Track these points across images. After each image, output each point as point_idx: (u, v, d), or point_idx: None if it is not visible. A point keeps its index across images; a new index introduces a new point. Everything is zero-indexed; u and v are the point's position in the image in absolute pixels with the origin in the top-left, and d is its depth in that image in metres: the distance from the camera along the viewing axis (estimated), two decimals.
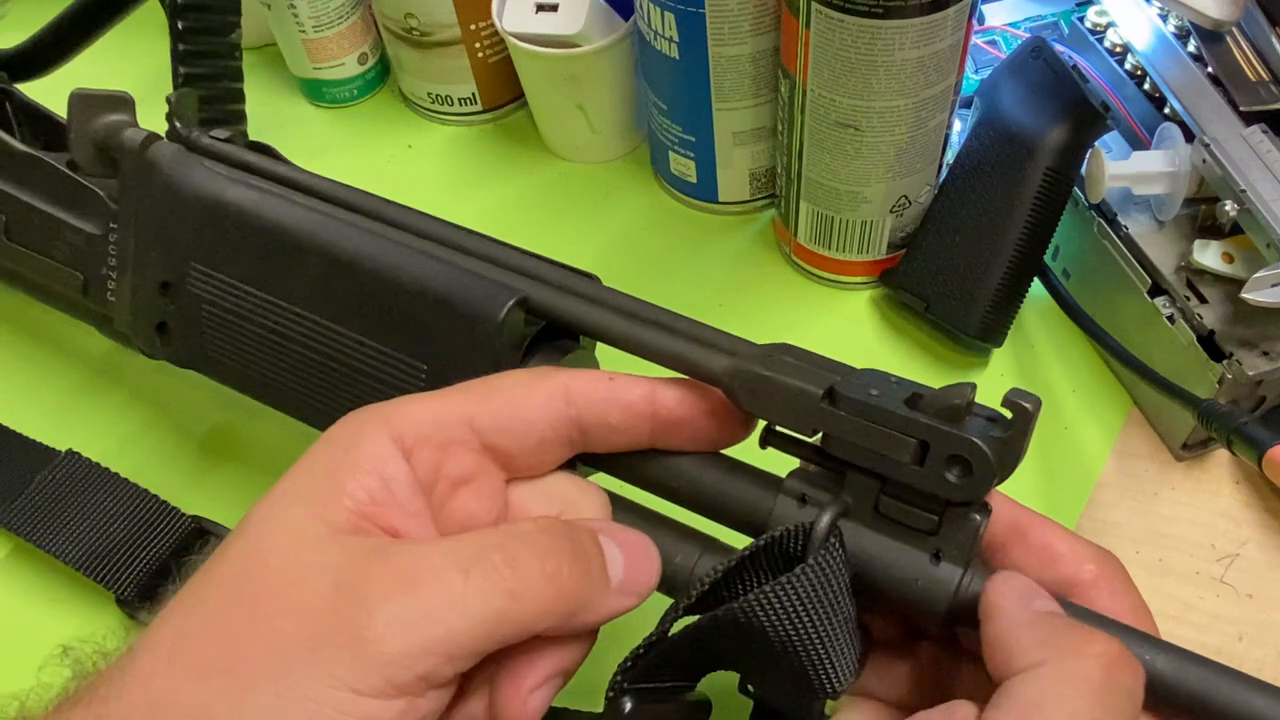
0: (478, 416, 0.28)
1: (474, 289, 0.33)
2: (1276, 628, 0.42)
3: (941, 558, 0.28)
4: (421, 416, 0.27)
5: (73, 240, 0.41)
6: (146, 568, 0.43)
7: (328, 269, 0.35)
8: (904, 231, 0.50)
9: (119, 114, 0.41)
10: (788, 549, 0.27)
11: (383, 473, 0.26)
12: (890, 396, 0.28)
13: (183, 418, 0.50)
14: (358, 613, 0.23)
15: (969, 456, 0.26)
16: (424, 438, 0.27)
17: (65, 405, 0.51)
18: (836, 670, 0.26)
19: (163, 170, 0.38)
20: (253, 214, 0.36)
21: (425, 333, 0.33)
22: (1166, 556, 0.44)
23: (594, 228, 0.57)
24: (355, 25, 0.61)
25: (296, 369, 0.36)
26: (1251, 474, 0.45)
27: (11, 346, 0.54)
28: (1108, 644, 0.24)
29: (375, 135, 0.62)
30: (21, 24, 0.52)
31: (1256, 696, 0.25)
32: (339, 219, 0.36)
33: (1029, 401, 0.26)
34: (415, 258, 0.34)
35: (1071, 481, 0.46)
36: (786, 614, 0.25)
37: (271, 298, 0.36)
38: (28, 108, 0.50)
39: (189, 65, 0.44)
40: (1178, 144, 0.44)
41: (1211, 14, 0.44)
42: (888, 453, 0.27)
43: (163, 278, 0.38)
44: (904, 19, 0.40)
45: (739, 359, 0.30)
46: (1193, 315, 0.43)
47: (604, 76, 0.55)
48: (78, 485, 0.45)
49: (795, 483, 0.30)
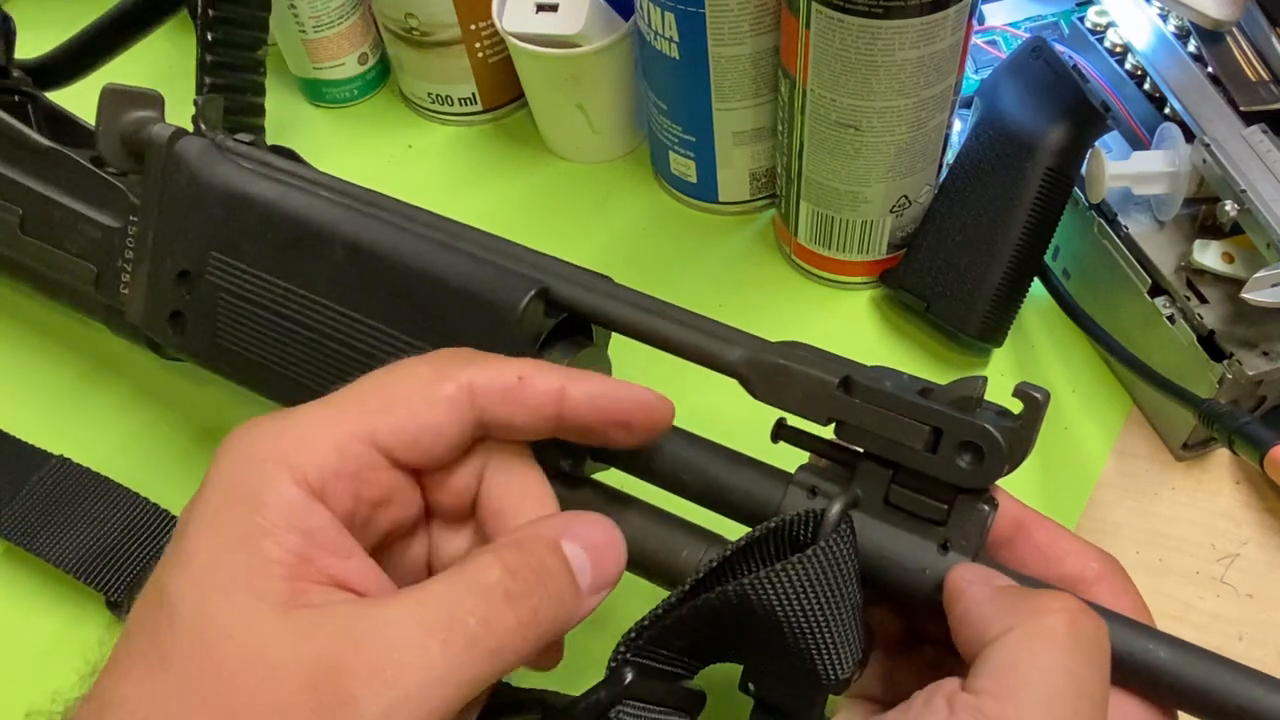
0: (380, 433, 0.26)
1: (495, 279, 0.33)
2: (1276, 628, 0.42)
3: (950, 548, 0.28)
4: (321, 447, 0.26)
5: (89, 233, 0.42)
6: (137, 569, 0.43)
7: (349, 258, 0.35)
8: (904, 231, 0.50)
9: (147, 110, 0.42)
10: (797, 535, 0.28)
11: (300, 527, 0.24)
12: (903, 387, 0.28)
13: (182, 417, 0.50)
14: (343, 715, 0.22)
15: (982, 443, 0.27)
16: (332, 472, 0.25)
17: (63, 404, 0.51)
18: (840, 658, 0.26)
19: (189, 163, 0.39)
20: (276, 204, 0.37)
21: (445, 321, 0.34)
22: (1166, 556, 0.44)
23: (594, 228, 0.57)
24: (355, 25, 0.61)
25: (311, 357, 0.36)
26: (1251, 474, 0.45)
27: (10, 346, 0.54)
28: (1066, 600, 0.25)
29: (375, 135, 0.63)
30: (25, 24, 0.52)
31: (1256, 687, 0.25)
32: (362, 212, 0.36)
33: (1039, 392, 0.27)
34: (437, 248, 0.34)
35: (1071, 481, 0.46)
36: (795, 594, 0.26)
37: (292, 286, 0.36)
38: (50, 111, 0.51)
39: (214, 76, 0.45)
40: (1178, 144, 0.44)
41: (1211, 14, 0.44)
42: (902, 439, 0.28)
43: (181, 267, 0.39)
44: (904, 19, 0.40)
45: (754, 350, 0.30)
46: (1193, 315, 0.43)
47: (604, 76, 0.55)
48: (69, 489, 0.45)
49: (805, 475, 0.30)
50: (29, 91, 0.51)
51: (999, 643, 0.25)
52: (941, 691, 0.25)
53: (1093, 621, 0.25)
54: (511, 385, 0.28)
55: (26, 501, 0.44)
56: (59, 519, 0.44)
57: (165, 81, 0.43)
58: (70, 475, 0.45)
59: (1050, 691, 0.23)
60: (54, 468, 0.45)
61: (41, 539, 0.43)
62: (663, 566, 0.31)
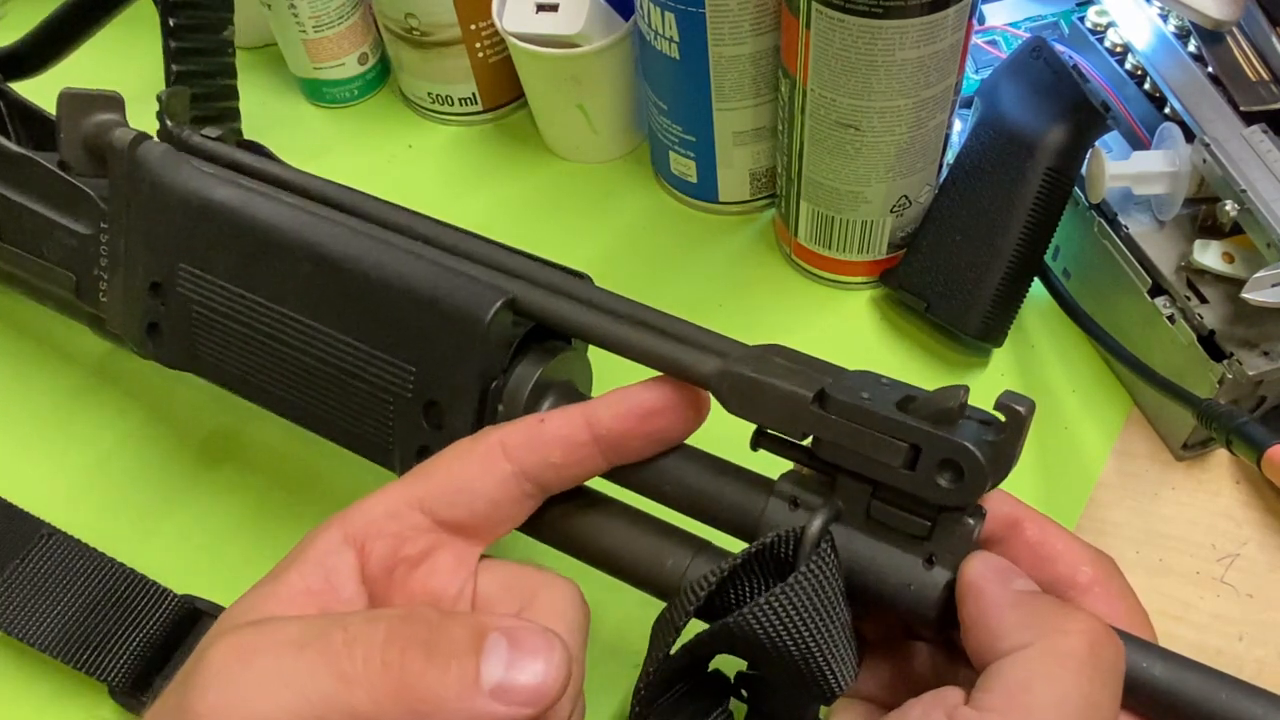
0: (425, 498, 0.29)
1: (461, 290, 0.33)
2: (1276, 628, 0.42)
3: (935, 562, 0.27)
4: (374, 510, 0.28)
5: (65, 241, 0.41)
6: (139, 654, 0.41)
7: (315, 270, 0.34)
8: (904, 231, 0.50)
9: (109, 113, 0.40)
10: (779, 554, 0.27)
11: (325, 565, 0.27)
12: (882, 399, 0.27)
13: (179, 419, 0.50)
14: (192, 690, 0.23)
15: (960, 461, 0.26)
16: (377, 530, 0.28)
17: (60, 408, 0.51)
18: (836, 675, 0.26)
19: (151, 170, 0.38)
20: (240, 214, 0.36)
21: (414, 334, 0.33)
22: (1166, 556, 0.44)
23: (594, 228, 0.57)
24: (355, 25, 0.61)
25: (286, 371, 0.36)
26: (1251, 474, 0.45)
27: (3, 349, 0.53)
28: (1089, 620, 0.24)
29: (375, 135, 0.62)
30: (22, 25, 0.52)
31: (1253, 703, 0.25)
32: (328, 219, 0.35)
33: (1021, 404, 0.25)
34: (403, 258, 0.34)
35: (1071, 481, 0.46)
36: (783, 624, 0.25)
37: (259, 299, 0.36)
38: (20, 106, 0.49)
39: (181, 63, 0.44)
40: (1178, 144, 0.44)
41: (1211, 14, 0.44)
42: (878, 457, 0.27)
43: (153, 278, 0.38)
44: (904, 19, 0.40)
45: (728, 361, 0.29)
46: (1193, 315, 0.43)
47: (604, 76, 0.55)
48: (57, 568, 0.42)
49: (787, 485, 0.29)
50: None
51: (1013, 659, 0.24)
52: (942, 704, 0.24)
53: (1113, 645, 0.24)
54: (536, 431, 0.29)
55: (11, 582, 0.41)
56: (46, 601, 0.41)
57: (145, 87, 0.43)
58: (58, 551, 0.42)
59: (1064, 718, 0.23)
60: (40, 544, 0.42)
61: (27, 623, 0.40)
62: (647, 575, 0.30)
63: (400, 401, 0.34)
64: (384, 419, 0.34)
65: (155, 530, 0.46)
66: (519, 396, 0.33)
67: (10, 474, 0.48)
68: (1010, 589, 0.26)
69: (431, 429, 0.33)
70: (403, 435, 0.34)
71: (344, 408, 0.35)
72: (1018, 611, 0.25)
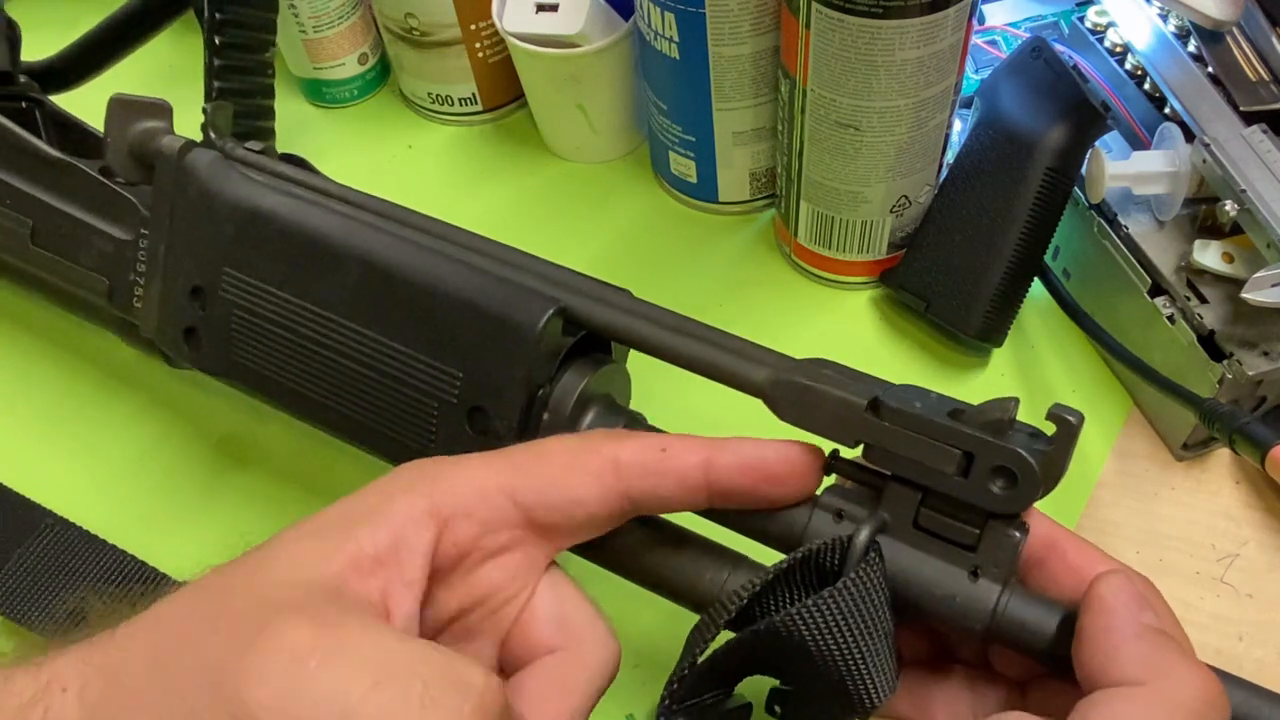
0: (522, 491, 0.27)
1: (513, 297, 0.33)
2: (1276, 628, 0.42)
3: (980, 574, 0.27)
4: (466, 488, 0.27)
5: (101, 246, 0.42)
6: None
7: (365, 275, 0.35)
8: (904, 231, 0.50)
9: (156, 120, 0.41)
10: (823, 564, 0.27)
11: (402, 533, 0.25)
12: (932, 409, 0.28)
13: (198, 425, 0.50)
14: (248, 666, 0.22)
15: (1014, 468, 0.26)
16: (465, 511, 0.27)
17: (78, 415, 0.51)
18: (877, 685, 0.26)
19: (200, 176, 0.38)
20: (290, 220, 0.36)
21: (462, 340, 0.33)
22: (1166, 556, 0.44)
23: (594, 228, 0.57)
24: (355, 25, 0.61)
25: (327, 376, 0.36)
26: (1251, 474, 0.45)
27: (26, 357, 0.53)
28: (1206, 675, 0.24)
29: (375, 135, 0.62)
30: (23, 24, 0.52)
31: None
32: (377, 227, 0.36)
33: (1073, 416, 0.26)
34: (454, 265, 0.34)
35: (1071, 481, 0.45)
36: (829, 628, 0.25)
37: (306, 303, 0.36)
38: (58, 117, 0.50)
39: (223, 80, 0.45)
40: (1178, 144, 0.44)
41: (1211, 14, 0.44)
42: (932, 464, 0.27)
43: (194, 283, 0.38)
44: (904, 19, 0.40)
45: (780, 370, 0.29)
46: (1193, 315, 0.43)
47: (604, 76, 0.55)
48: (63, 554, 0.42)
49: (832, 498, 0.29)
50: (36, 97, 0.50)
51: (1125, 694, 0.23)
52: None
53: (1223, 707, 0.24)
54: (655, 458, 0.28)
55: (15, 569, 0.42)
56: (51, 588, 0.41)
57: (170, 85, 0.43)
58: (63, 538, 0.43)
59: None
60: (45, 531, 0.43)
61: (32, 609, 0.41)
62: (687, 590, 0.30)
63: (444, 406, 0.34)
64: (425, 424, 0.34)
65: (171, 531, 0.46)
66: (564, 406, 0.33)
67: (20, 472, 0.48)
68: (1139, 618, 0.25)
69: (475, 434, 0.33)
70: (444, 439, 0.34)
71: (384, 412, 0.35)
72: (1140, 644, 0.24)
